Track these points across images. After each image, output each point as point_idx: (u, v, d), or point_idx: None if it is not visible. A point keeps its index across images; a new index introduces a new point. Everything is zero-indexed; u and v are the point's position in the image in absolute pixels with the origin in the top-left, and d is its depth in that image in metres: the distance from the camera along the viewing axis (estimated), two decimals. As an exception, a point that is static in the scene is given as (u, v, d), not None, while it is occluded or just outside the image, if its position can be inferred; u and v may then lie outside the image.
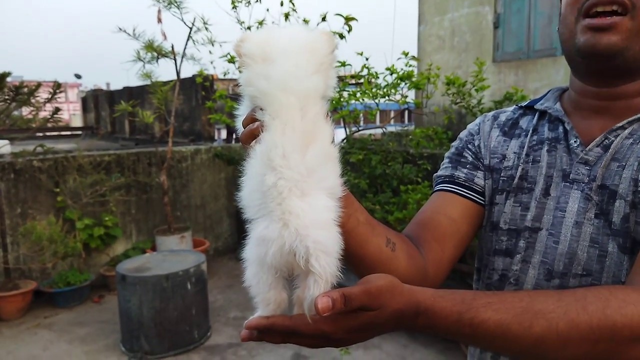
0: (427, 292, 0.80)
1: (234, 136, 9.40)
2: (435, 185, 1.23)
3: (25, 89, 4.84)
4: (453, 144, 1.31)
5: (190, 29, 5.65)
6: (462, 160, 1.23)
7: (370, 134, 6.12)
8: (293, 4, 5.36)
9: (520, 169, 1.15)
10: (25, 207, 5.30)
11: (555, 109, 1.17)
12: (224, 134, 9.89)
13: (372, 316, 0.75)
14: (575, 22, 1.04)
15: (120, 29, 5.35)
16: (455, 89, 4.97)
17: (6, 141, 8.61)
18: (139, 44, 5.45)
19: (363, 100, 5.05)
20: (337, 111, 5.11)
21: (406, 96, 5.32)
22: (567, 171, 1.09)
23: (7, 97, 4.58)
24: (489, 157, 1.21)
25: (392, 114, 8.53)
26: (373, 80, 5.29)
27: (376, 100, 5.25)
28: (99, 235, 5.53)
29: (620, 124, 1.06)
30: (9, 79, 4.94)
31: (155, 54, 5.57)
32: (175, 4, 5.59)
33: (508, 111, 1.29)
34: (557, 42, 6.89)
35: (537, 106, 1.22)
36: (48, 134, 13.17)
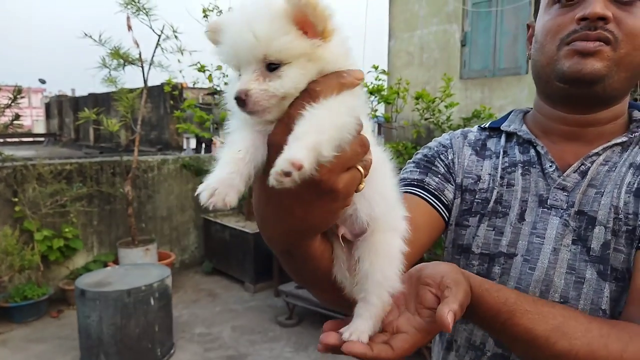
0: (477, 282, 0.88)
1: (203, 146, 9.28)
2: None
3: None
4: (420, 150, 1.29)
5: (159, 36, 5.55)
6: (433, 168, 1.20)
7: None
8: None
9: (495, 192, 1.14)
10: (-20, 217, 5.06)
11: (524, 132, 1.17)
12: (193, 143, 9.75)
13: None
14: (557, 50, 1.05)
15: (86, 34, 5.21)
16: (425, 104, 5.02)
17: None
18: (106, 51, 5.31)
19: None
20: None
21: (376, 110, 5.34)
22: (544, 196, 1.09)
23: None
24: (462, 176, 1.19)
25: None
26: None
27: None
28: (58, 247, 5.33)
29: (595, 151, 1.08)
30: None
31: (122, 61, 5.44)
32: (144, 11, 5.48)
33: (473, 131, 1.28)
34: (522, 60, 7.08)
35: (504, 127, 1.22)
36: (9, 140, 12.73)
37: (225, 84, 6.25)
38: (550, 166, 1.10)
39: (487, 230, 1.12)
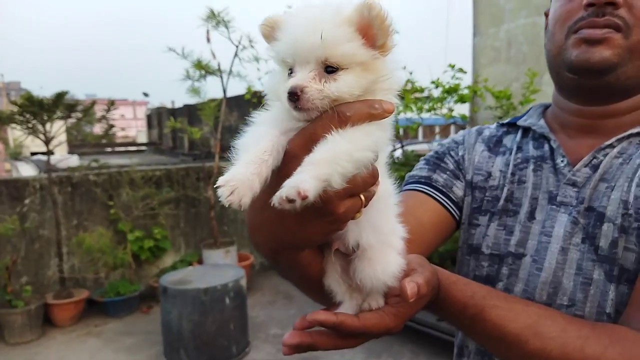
0: (445, 275, 0.87)
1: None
2: (406, 185, 1.16)
3: (80, 107, 5.11)
4: (433, 148, 1.25)
5: (237, 47, 5.78)
6: (442, 165, 1.16)
7: (412, 150, 5.96)
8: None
9: (505, 189, 1.08)
10: (81, 218, 5.58)
11: (539, 126, 1.10)
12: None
13: (425, 300, 0.81)
14: (565, 39, 0.99)
15: (169, 48, 5.56)
16: (504, 103, 4.77)
17: (75, 155, 9.15)
18: (188, 63, 5.64)
19: (405, 113, 4.93)
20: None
21: (452, 110, 5.16)
22: (554, 193, 1.02)
23: (62, 114, 4.84)
24: (472, 173, 1.14)
25: (437, 129, 8.31)
26: (418, 94, 5.17)
27: (420, 115, 5.13)
28: (148, 247, 5.72)
29: (608, 142, 0.99)
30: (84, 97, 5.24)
31: (203, 72, 5.74)
32: (224, 24, 5.74)
33: (491, 128, 1.21)
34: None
35: (520, 122, 1.15)
36: (116, 149, 13.91)
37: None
38: (562, 161, 1.03)
39: (497, 230, 1.06)
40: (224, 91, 5.84)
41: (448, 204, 1.11)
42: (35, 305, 4.92)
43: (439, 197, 1.11)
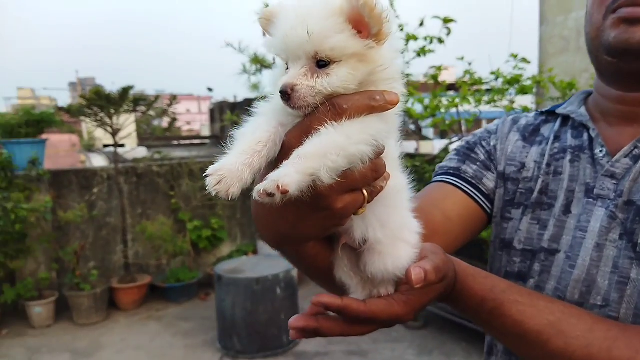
0: (462, 266, 0.83)
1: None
2: (436, 176, 1.12)
3: (145, 101, 5.34)
4: (464, 138, 1.19)
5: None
6: (472, 155, 1.11)
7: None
8: (394, 9, 5.28)
9: (540, 181, 1.02)
10: (145, 207, 5.85)
11: (579, 114, 1.03)
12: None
13: (438, 289, 0.77)
14: (603, 20, 0.93)
15: (227, 44, 5.69)
16: (569, 94, 4.51)
17: (143, 148, 9.59)
18: (246, 58, 5.74)
19: (462, 106, 4.78)
20: (432, 118, 4.91)
21: (513, 102, 4.94)
22: (591, 185, 0.95)
23: (128, 108, 5.08)
24: (504, 163, 1.08)
25: (496, 121, 7.99)
26: (477, 85, 5.00)
27: (479, 108, 4.96)
28: (206, 237, 5.91)
29: None
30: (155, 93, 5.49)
31: (260, 66, 5.83)
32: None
33: (529, 116, 1.15)
34: None
35: (559, 110, 1.08)
36: (182, 142, 14.45)
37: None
38: (601, 151, 0.96)
39: (530, 224, 1.01)
40: (280, 84, 5.90)
41: (478, 196, 1.06)
42: (101, 289, 5.22)
43: (468, 189, 1.06)
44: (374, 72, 0.68)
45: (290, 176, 0.59)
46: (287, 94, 0.65)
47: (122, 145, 5.54)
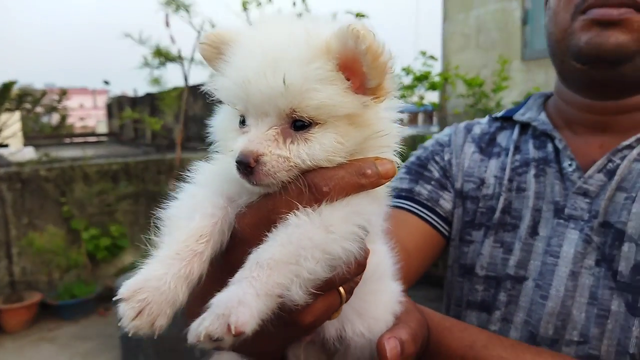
0: (436, 319, 0.72)
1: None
2: None
3: (30, 96, 4.75)
4: (414, 152, 1.06)
5: (199, 32, 5.47)
6: (425, 174, 0.98)
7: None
8: (306, 3, 5.13)
9: (502, 199, 0.90)
10: (32, 217, 5.21)
11: (541, 121, 0.92)
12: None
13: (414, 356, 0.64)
14: (571, 20, 0.80)
15: (126, 34, 5.21)
16: (475, 90, 4.65)
17: (31, 148, 8.67)
18: (147, 50, 5.31)
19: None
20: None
21: (422, 97, 5.01)
22: (561, 204, 0.84)
23: (11, 106, 4.48)
24: (462, 180, 0.96)
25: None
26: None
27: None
28: (105, 246, 5.40)
29: (627, 143, 0.82)
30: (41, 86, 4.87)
31: (163, 59, 5.42)
32: (184, 8, 5.42)
33: (482, 123, 1.03)
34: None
35: (517, 117, 0.97)
36: (75, 140, 13.40)
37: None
38: (570, 165, 0.85)
39: (493, 247, 0.89)
40: (186, 79, 5.53)
41: (435, 220, 0.94)
42: (-19, 312, 4.57)
43: (424, 212, 0.94)
44: (369, 139, 0.50)
45: (248, 307, 0.40)
46: (248, 166, 0.46)
47: (6, 146, 4.86)
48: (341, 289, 0.51)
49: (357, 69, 0.47)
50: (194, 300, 0.48)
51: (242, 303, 0.40)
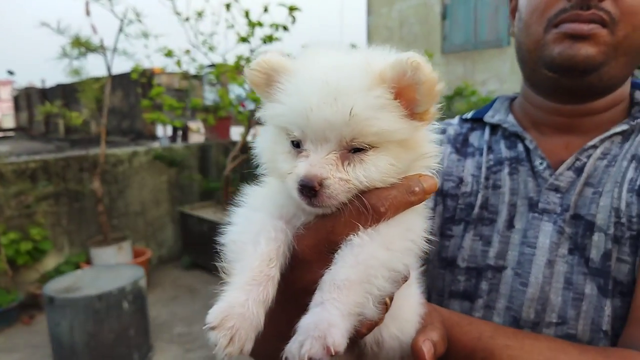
0: (445, 315, 0.76)
1: (179, 133, 8.96)
2: None
3: None
4: None
5: (122, 21, 5.21)
6: None
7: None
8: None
9: (480, 195, 0.98)
10: (-61, 223, 4.76)
11: (511, 123, 1.01)
12: (169, 130, 9.38)
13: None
14: (544, 33, 0.89)
15: (42, 23, 4.86)
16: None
17: None
18: (65, 39, 4.98)
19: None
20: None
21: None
22: (535, 199, 0.93)
23: None
24: (441, 179, 1.03)
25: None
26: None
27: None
28: (26, 251, 5.04)
29: (591, 143, 0.92)
30: None
31: (84, 49, 5.11)
32: (104, -5, 5.13)
33: (454, 124, 1.11)
34: (504, 32, 6.87)
35: (487, 119, 1.05)
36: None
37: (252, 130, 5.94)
38: (541, 163, 0.94)
39: (473, 240, 0.97)
40: (108, 69, 5.26)
41: None
42: None
43: None
44: (416, 160, 0.54)
45: (338, 327, 0.43)
46: (313, 190, 0.48)
47: None
48: (387, 299, 0.55)
49: (410, 95, 0.51)
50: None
51: (332, 325, 0.43)
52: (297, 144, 0.53)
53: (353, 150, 0.51)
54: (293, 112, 0.52)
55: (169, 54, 5.60)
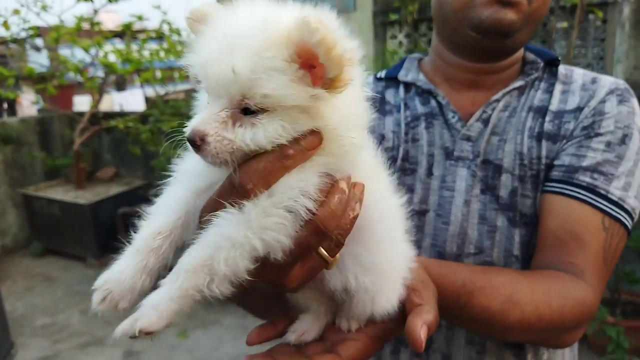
0: (434, 270, 0.80)
1: (5, 107, 7.84)
2: None
3: None
4: None
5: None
6: None
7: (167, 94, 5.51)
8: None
9: (401, 149, 1.07)
10: None
11: (424, 82, 1.11)
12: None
13: None
14: None
15: None
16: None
17: None
18: None
19: (168, 59, 4.56)
20: (139, 73, 4.53)
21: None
22: (450, 149, 1.05)
23: None
24: None
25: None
26: (176, 37, 4.80)
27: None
28: None
29: (495, 97, 1.05)
30: None
31: None
32: None
33: (370, 83, 1.18)
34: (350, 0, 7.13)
35: (401, 77, 1.14)
36: None
37: (192, 93, 5.25)
38: (453, 117, 1.06)
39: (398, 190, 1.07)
40: None
41: None
42: None
43: None
44: (325, 131, 0.52)
45: (159, 310, 0.48)
46: (195, 144, 0.50)
47: None
48: (321, 249, 0.55)
49: (315, 61, 0.48)
50: None
51: (154, 307, 0.49)
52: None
53: (247, 112, 0.50)
54: (197, 64, 0.52)
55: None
